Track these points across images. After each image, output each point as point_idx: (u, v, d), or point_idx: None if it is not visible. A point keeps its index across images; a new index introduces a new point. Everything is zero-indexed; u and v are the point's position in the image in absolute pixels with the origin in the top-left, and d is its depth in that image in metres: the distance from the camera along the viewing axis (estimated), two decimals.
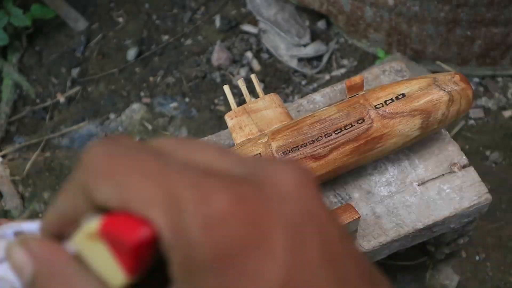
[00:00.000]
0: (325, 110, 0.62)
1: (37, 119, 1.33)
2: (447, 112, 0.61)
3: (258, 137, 0.61)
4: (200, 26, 1.42)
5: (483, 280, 0.99)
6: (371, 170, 0.68)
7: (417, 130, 0.61)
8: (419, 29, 1.16)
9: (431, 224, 0.64)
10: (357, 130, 0.60)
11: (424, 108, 0.60)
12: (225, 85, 0.69)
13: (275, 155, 0.59)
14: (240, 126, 0.64)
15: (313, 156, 0.59)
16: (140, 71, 1.37)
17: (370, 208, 0.66)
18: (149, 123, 1.28)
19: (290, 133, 0.60)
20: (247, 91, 0.70)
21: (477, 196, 0.65)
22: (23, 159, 1.27)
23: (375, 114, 0.60)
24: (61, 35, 1.46)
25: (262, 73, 1.30)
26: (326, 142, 0.59)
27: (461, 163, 0.68)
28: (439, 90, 0.61)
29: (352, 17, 1.24)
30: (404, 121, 0.60)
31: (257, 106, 0.66)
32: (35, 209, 1.20)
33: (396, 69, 0.76)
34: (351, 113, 0.60)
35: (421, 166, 0.68)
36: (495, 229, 1.04)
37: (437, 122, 0.62)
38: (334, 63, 1.31)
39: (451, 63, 1.23)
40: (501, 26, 1.11)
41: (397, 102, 0.60)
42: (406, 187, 0.67)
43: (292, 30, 1.34)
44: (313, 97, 0.75)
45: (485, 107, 1.20)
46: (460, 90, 0.61)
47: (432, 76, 0.63)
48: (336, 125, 0.60)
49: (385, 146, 0.61)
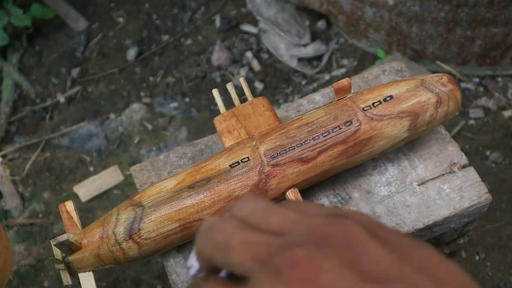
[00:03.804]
0: (313, 113, 0.62)
1: (37, 119, 1.33)
2: (435, 114, 0.61)
3: (246, 141, 0.62)
4: (200, 26, 1.42)
5: (483, 280, 0.99)
6: (371, 170, 0.68)
7: (405, 132, 0.61)
8: (419, 29, 1.16)
9: (431, 224, 0.65)
10: (345, 133, 0.59)
11: (412, 110, 0.60)
12: (214, 89, 0.69)
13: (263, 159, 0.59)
14: (229, 130, 0.64)
15: (301, 159, 0.59)
16: (140, 71, 1.37)
17: (370, 208, 0.66)
18: (149, 123, 1.28)
19: (278, 136, 0.60)
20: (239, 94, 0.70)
21: (477, 196, 0.65)
22: (23, 159, 1.28)
23: (363, 117, 0.60)
24: (61, 35, 1.46)
25: (262, 73, 1.30)
26: (314, 145, 0.59)
27: (461, 163, 0.68)
28: (427, 91, 0.61)
29: (352, 17, 1.24)
30: (392, 123, 0.60)
31: (246, 110, 0.66)
32: (35, 209, 1.20)
33: (396, 69, 0.76)
34: (338, 116, 0.60)
35: (421, 166, 0.68)
36: (495, 229, 1.04)
37: (425, 124, 0.62)
38: (334, 63, 1.31)
39: (451, 63, 1.23)
40: (501, 26, 1.11)
41: (385, 104, 0.60)
42: (406, 187, 0.67)
43: (292, 30, 1.34)
44: (313, 97, 0.75)
45: (485, 107, 1.20)
46: (448, 92, 0.61)
47: (420, 77, 0.63)
48: (324, 127, 0.60)
49: (373, 148, 0.61)
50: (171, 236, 0.59)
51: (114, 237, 0.58)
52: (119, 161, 1.24)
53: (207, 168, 0.60)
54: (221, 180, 0.59)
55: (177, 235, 0.59)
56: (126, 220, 0.58)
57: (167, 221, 0.58)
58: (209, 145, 0.73)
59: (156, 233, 0.58)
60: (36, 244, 1.16)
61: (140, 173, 0.71)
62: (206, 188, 0.59)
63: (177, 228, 0.58)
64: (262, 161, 0.59)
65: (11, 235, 1.18)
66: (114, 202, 1.18)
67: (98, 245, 0.58)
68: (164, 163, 0.72)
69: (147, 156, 1.23)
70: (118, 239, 0.58)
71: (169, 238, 0.59)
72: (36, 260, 1.14)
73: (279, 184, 0.59)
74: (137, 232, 0.58)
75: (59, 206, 0.61)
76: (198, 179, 0.59)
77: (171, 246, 0.61)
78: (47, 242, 1.15)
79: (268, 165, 0.59)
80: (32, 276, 1.12)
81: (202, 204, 0.58)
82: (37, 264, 1.14)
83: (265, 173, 0.59)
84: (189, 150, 0.73)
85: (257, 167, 0.59)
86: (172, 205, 0.58)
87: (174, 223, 0.58)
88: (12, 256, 0.66)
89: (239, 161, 0.59)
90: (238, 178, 0.59)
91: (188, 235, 0.60)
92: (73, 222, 0.61)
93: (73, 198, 1.21)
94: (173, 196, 0.59)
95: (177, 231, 0.59)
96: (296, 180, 0.60)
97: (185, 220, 0.58)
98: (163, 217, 0.58)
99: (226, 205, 0.52)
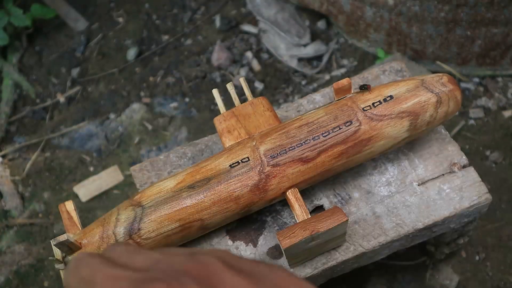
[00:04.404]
0: (313, 113, 0.62)
1: (37, 119, 1.33)
2: (435, 114, 0.61)
3: (246, 141, 0.62)
4: (200, 26, 1.42)
5: (483, 280, 0.99)
6: (371, 170, 0.68)
7: (405, 132, 0.61)
8: (419, 29, 1.16)
9: (431, 224, 0.65)
10: (345, 133, 0.59)
11: (412, 110, 0.60)
12: (214, 89, 0.69)
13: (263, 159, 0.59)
14: (229, 130, 0.64)
15: (301, 159, 0.59)
16: (140, 71, 1.37)
17: (370, 208, 0.66)
18: (149, 123, 1.28)
19: (278, 136, 0.60)
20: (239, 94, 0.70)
21: (477, 196, 0.65)
22: (23, 159, 1.28)
23: (363, 117, 0.60)
24: (61, 35, 1.46)
25: (262, 73, 1.30)
26: (314, 145, 0.59)
27: (461, 163, 0.68)
28: (427, 91, 0.61)
29: (352, 17, 1.24)
30: (392, 123, 0.60)
31: (246, 110, 0.66)
32: (35, 209, 1.20)
33: (396, 69, 0.76)
34: (339, 116, 0.60)
35: (421, 166, 0.68)
36: (495, 229, 1.04)
37: (425, 124, 0.62)
38: (334, 63, 1.31)
39: (451, 63, 1.23)
40: (501, 26, 1.11)
41: (385, 104, 0.60)
42: (406, 187, 0.67)
43: (292, 30, 1.33)
44: (313, 97, 0.75)
45: (485, 107, 1.20)
46: (448, 92, 0.61)
47: (420, 77, 0.63)
48: (324, 127, 0.60)
49: (373, 148, 0.61)
50: (171, 236, 0.59)
51: (114, 237, 0.58)
52: (119, 161, 1.24)
53: (207, 168, 0.60)
54: (221, 180, 0.59)
55: (177, 235, 0.59)
56: (126, 220, 0.58)
57: (167, 221, 0.58)
58: (209, 145, 0.73)
59: (156, 233, 0.58)
60: (36, 244, 1.16)
61: (140, 173, 0.71)
62: (206, 188, 0.58)
63: (177, 228, 0.58)
64: (262, 161, 0.59)
65: (11, 235, 1.18)
66: (114, 202, 1.18)
67: (98, 245, 0.58)
68: (164, 163, 0.72)
69: (147, 156, 1.23)
70: (118, 239, 0.58)
71: (169, 238, 0.59)
72: (36, 260, 1.14)
73: (279, 184, 0.59)
74: (137, 232, 0.58)
75: (59, 206, 0.61)
76: (198, 179, 0.59)
77: (171, 246, 0.61)
78: (47, 242, 1.15)
79: (268, 165, 0.59)
80: (32, 276, 1.12)
81: (202, 204, 0.58)
82: (37, 264, 1.14)
83: (265, 173, 0.59)
84: (189, 150, 0.73)
85: (257, 167, 0.59)
86: (172, 205, 0.58)
87: (174, 223, 0.58)
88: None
89: (239, 161, 0.59)
90: (238, 178, 0.59)
91: (188, 235, 0.60)
92: (73, 222, 0.61)
93: (73, 198, 1.21)
94: (173, 196, 0.59)
95: (177, 231, 0.59)
96: (296, 180, 0.60)
97: (185, 220, 0.58)
98: (163, 217, 0.58)
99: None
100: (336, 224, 0.56)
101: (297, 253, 0.59)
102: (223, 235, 0.66)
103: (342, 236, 0.61)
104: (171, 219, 0.58)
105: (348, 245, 0.64)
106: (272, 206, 0.67)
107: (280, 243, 0.56)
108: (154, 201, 0.59)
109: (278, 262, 0.64)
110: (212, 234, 0.66)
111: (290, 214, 0.66)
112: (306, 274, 0.63)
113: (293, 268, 0.63)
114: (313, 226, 0.56)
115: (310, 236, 0.56)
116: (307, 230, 0.56)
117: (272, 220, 0.66)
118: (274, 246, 0.65)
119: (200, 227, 0.60)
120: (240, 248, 0.65)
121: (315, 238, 0.57)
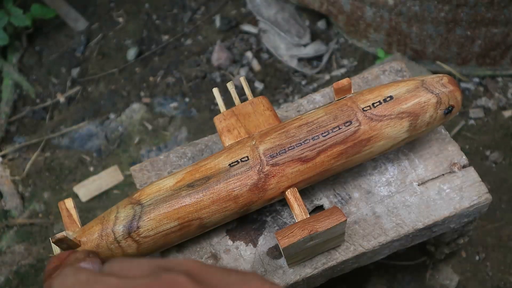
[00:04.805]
0: (313, 113, 0.61)
1: (37, 119, 1.33)
2: (435, 115, 0.61)
3: (246, 140, 0.61)
4: (200, 26, 1.42)
5: (483, 280, 0.99)
6: (371, 170, 0.68)
7: (405, 133, 0.61)
8: (419, 29, 1.16)
9: (431, 224, 0.64)
10: (345, 133, 0.59)
11: (412, 111, 0.60)
12: (214, 88, 0.69)
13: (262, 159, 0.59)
14: (229, 129, 0.64)
15: (301, 159, 0.59)
16: (140, 71, 1.37)
17: (370, 208, 0.66)
18: (149, 123, 1.28)
19: (278, 135, 0.60)
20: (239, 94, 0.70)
21: (477, 196, 0.65)
22: (23, 159, 1.28)
23: (363, 117, 0.60)
24: (61, 35, 1.46)
25: (262, 73, 1.30)
26: (314, 144, 0.59)
27: (461, 163, 0.68)
28: (427, 92, 0.61)
29: (352, 17, 1.24)
30: (392, 124, 0.60)
31: (246, 109, 0.66)
32: (35, 209, 1.20)
33: (396, 69, 0.76)
34: (338, 116, 0.60)
35: (421, 166, 0.68)
36: (495, 229, 1.04)
37: (425, 125, 0.62)
38: (334, 63, 1.31)
39: (451, 63, 1.23)
40: (501, 26, 1.11)
41: (384, 105, 0.60)
42: (406, 187, 0.67)
43: (292, 30, 1.33)
44: (313, 97, 0.75)
45: (485, 107, 1.20)
46: (448, 93, 0.61)
47: (420, 78, 0.63)
48: (324, 127, 0.60)
49: (373, 148, 0.61)
50: (170, 235, 0.59)
51: (113, 235, 0.57)
52: (119, 161, 1.24)
53: (206, 167, 0.60)
54: (220, 179, 0.59)
55: (176, 233, 0.59)
56: (125, 218, 0.58)
57: (166, 220, 0.58)
58: (209, 145, 0.73)
59: (155, 231, 0.58)
60: (36, 244, 1.16)
61: (140, 173, 0.71)
62: (205, 187, 0.58)
63: (176, 226, 0.58)
64: (261, 160, 0.59)
65: (11, 235, 1.18)
66: (114, 202, 1.18)
67: (97, 243, 0.58)
68: (164, 163, 0.72)
69: (147, 156, 1.22)
70: (117, 237, 0.57)
71: (168, 237, 0.59)
72: (36, 260, 1.14)
73: (278, 183, 0.59)
74: (136, 230, 0.58)
75: (58, 204, 0.62)
76: (197, 178, 0.59)
77: (170, 244, 0.61)
78: (47, 242, 1.15)
79: (268, 164, 0.59)
80: (32, 276, 1.12)
81: (201, 203, 0.58)
82: (37, 264, 1.14)
83: (264, 172, 0.59)
84: (189, 150, 0.73)
85: (256, 166, 0.59)
86: (171, 204, 0.58)
87: (173, 222, 0.58)
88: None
89: (239, 160, 0.59)
90: (237, 177, 0.59)
91: (187, 234, 0.60)
92: (73, 219, 0.61)
93: (73, 198, 1.20)
94: (172, 195, 0.59)
95: (176, 229, 0.59)
96: (295, 180, 0.60)
97: (184, 218, 0.58)
98: (162, 216, 0.58)
99: (48, 279, 0.52)
100: (334, 224, 0.56)
101: (296, 253, 0.59)
102: (223, 235, 0.66)
103: (341, 236, 0.61)
104: (170, 217, 0.58)
105: (348, 245, 0.64)
106: (272, 206, 0.67)
107: (279, 243, 0.56)
108: (153, 200, 0.59)
109: (278, 262, 0.64)
110: (212, 234, 0.66)
111: (290, 214, 0.66)
112: (306, 274, 0.63)
113: (292, 267, 0.63)
114: (312, 225, 0.56)
115: (309, 235, 0.56)
116: (306, 229, 0.56)
117: (272, 220, 0.66)
118: (274, 246, 0.65)
119: (199, 226, 0.60)
120: (240, 248, 0.65)
121: (313, 238, 0.57)
